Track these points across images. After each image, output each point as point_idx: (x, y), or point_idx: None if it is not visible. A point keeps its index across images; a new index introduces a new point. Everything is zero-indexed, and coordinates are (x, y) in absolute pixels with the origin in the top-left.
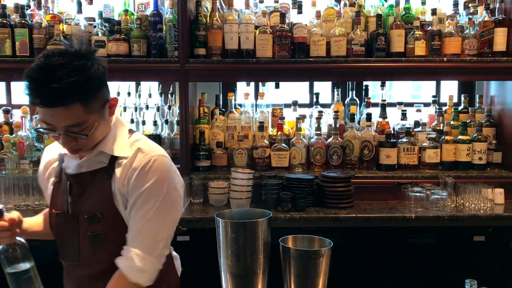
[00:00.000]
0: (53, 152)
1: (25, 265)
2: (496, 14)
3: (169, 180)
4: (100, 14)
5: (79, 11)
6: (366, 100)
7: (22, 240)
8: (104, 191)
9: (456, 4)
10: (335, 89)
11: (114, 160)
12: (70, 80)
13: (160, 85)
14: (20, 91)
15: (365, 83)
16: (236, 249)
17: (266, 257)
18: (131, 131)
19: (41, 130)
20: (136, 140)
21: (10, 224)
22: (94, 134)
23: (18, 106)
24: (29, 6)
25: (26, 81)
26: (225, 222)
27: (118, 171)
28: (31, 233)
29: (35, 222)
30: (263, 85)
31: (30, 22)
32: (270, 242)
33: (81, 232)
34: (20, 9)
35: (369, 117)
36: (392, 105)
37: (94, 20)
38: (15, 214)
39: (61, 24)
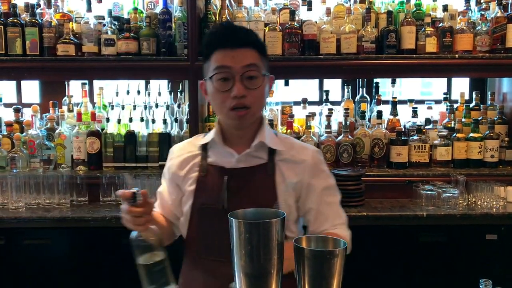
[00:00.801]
0: (185, 150)
1: (158, 255)
2: (509, 10)
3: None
4: (110, 12)
5: (89, 9)
6: (376, 97)
7: (155, 228)
8: (266, 186)
9: (468, 0)
10: (345, 87)
11: (273, 156)
12: (251, 31)
13: (170, 83)
14: (30, 89)
15: (375, 80)
16: (249, 249)
17: (280, 257)
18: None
19: (214, 76)
20: (286, 137)
21: (145, 211)
22: (261, 91)
23: (29, 105)
24: (39, 5)
25: (213, 33)
26: (238, 222)
27: (282, 166)
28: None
29: (156, 217)
30: (273, 83)
31: (40, 21)
32: (284, 242)
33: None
34: (30, 8)
35: (379, 114)
36: (403, 102)
37: (104, 19)
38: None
39: (70, 22)
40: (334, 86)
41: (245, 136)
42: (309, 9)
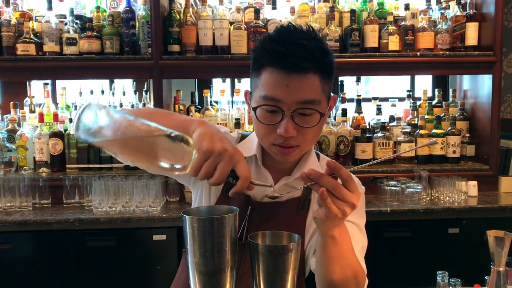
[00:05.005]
0: None
1: None
2: (468, 9)
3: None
4: (71, 11)
5: (50, 8)
6: (341, 95)
7: None
8: (294, 226)
9: None
10: None
11: (310, 189)
12: (315, 41)
13: (134, 82)
14: None
15: (340, 78)
16: (203, 246)
17: (234, 253)
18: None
19: (262, 107)
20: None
21: None
22: (318, 128)
23: None
24: None
25: (268, 40)
26: (191, 218)
27: (316, 203)
28: None
29: None
30: (239, 82)
31: None
32: (237, 239)
33: (246, 264)
34: None
35: (344, 112)
36: (368, 100)
37: (65, 17)
38: None
39: (31, 21)
40: None
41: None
42: (274, 8)
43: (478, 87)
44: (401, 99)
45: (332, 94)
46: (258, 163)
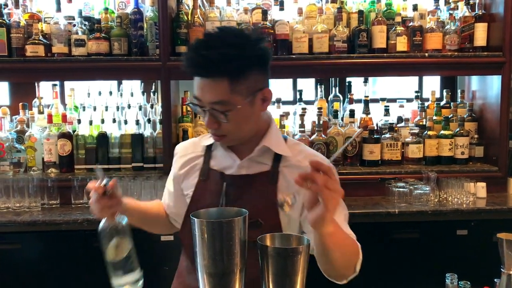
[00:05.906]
0: (189, 150)
1: (125, 243)
2: (476, 10)
3: None
4: (80, 12)
5: (58, 9)
6: (349, 96)
7: (123, 219)
8: (266, 197)
9: (437, 0)
10: (318, 86)
11: (277, 163)
12: (221, 52)
13: (142, 83)
14: None
15: (348, 79)
16: (212, 249)
17: (243, 255)
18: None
19: (190, 105)
20: (296, 143)
21: (114, 202)
22: (237, 121)
23: None
24: (6, 5)
25: (189, 51)
26: (200, 221)
27: (287, 173)
28: (136, 218)
29: (149, 207)
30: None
31: (8, 21)
32: (247, 241)
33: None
34: None
35: (352, 113)
36: (375, 101)
37: (74, 19)
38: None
39: (40, 23)
40: (307, 85)
41: (249, 142)
42: (281, 9)
43: (486, 88)
44: (409, 100)
45: (264, 88)
46: (223, 147)
